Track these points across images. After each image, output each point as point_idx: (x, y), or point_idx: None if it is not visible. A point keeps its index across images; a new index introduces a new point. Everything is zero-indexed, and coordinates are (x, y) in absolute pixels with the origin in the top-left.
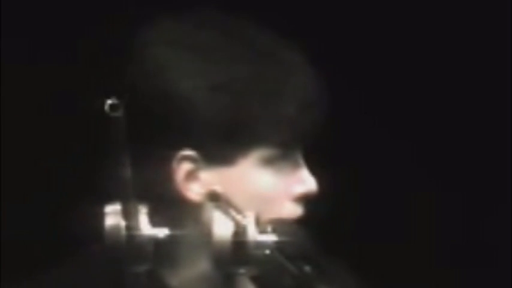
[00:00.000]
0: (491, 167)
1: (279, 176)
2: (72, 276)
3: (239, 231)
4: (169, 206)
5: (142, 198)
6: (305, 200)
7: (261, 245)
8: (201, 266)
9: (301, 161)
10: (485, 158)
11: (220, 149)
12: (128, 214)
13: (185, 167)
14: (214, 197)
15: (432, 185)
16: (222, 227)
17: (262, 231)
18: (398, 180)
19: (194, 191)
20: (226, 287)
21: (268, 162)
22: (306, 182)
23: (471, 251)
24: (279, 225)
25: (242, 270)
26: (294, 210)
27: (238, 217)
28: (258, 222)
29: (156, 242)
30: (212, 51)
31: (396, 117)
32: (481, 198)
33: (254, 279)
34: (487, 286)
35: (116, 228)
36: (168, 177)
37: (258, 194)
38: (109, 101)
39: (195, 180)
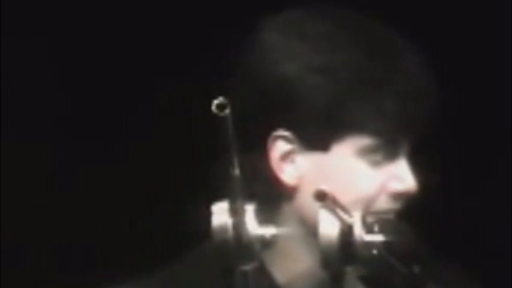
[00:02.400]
0: None
1: (375, 168)
2: (182, 274)
3: (346, 231)
4: (265, 186)
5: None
6: (403, 197)
7: (368, 245)
8: (306, 262)
9: (403, 157)
10: None
11: (316, 132)
12: (236, 212)
13: (280, 146)
14: (321, 196)
15: None
16: (328, 226)
17: (369, 231)
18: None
19: (288, 173)
20: (334, 285)
21: (364, 152)
22: (404, 180)
23: None
24: (386, 224)
25: (349, 270)
26: (388, 205)
27: (345, 216)
28: (364, 221)
29: (263, 238)
30: (320, 38)
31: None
32: None
33: (363, 278)
34: None
35: (223, 226)
36: (263, 156)
37: (351, 183)
38: (216, 101)
39: (290, 162)
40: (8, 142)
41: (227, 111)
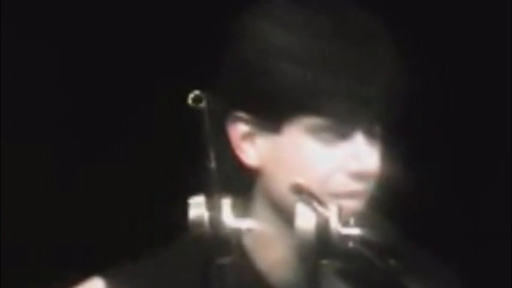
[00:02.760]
0: None
1: (329, 147)
2: (167, 262)
3: (322, 224)
4: (228, 169)
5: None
6: (363, 178)
7: (344, 238)
8: (283, 249)
9: (360, 136)
10: None
11: (267, 113)
12: (212, 206)
13: (239, 127)
14: (298, 189)
15: None
16: (305, 220)
17: (345, 224)
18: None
19: (249, 154)
20: (311, 277)
21: (315, 131)
22: (361, 159)
23: None
24: (362, 217)
25: (325, 263)
26: (347, 186)
27: (321, 209)
28: (340, 214)
29: (239, 231)
30: (283, 22)
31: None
32: None
33: (339, 271)
34: None
35: (199, 220)
36: (225, 138)
37: (304, 163)
38: (192, 94)
39: (251, 144)
40: (8, 142)
41: (203, 104)
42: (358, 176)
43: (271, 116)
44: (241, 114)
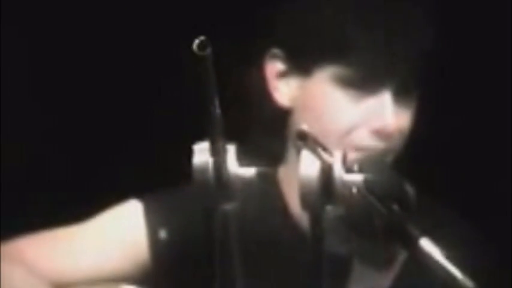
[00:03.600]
0: None
1: (355, 102)
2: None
3: (326, 170)
4: (259, 107)
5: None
6: (383, 136)
7: (347, 184)
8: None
9: (387, 95)
10: None
11: (303, 54)
12: (216, 152)
13: (276, 65)
14: (302, 136)
15: None
16: (308, 166)
17: (349, 170)
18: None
19: (283, 94)
20: (315, 223)
21: (342, 82)
22: (384, 117)
23: None
24: (366, 163)
25: (328, 209)
26: (368, 142)
27: (325, 155)
28: (344, 160)
29: (243, 178)
30: None
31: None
32: None
33: (342, 218)
34: None
35: (203, 166)
36: (260, 75)
37: (326, 112)
38: (197, 40)
39: (286, 83)
40: (8, 142)
41: (208, 50)
42: (379, 134)
43: (305, 56)
44: (279, 52)
